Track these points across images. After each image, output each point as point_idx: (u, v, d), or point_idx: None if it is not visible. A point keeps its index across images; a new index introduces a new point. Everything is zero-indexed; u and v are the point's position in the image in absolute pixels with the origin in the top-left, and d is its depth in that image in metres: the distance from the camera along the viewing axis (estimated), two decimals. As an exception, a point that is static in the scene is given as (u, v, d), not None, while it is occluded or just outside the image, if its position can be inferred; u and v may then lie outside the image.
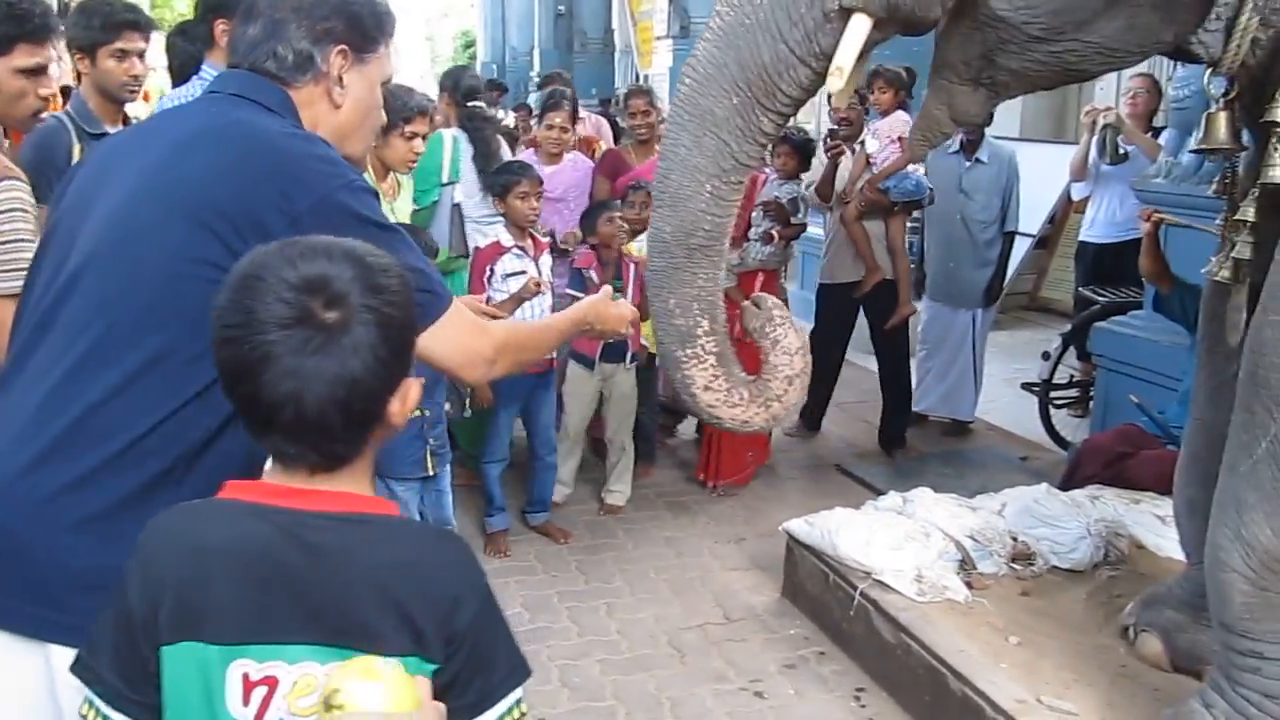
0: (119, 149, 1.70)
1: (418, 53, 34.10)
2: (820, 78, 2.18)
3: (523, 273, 4.16)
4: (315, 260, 1.15)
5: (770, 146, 4.87)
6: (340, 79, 1.70)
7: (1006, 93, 2.34)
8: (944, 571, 3.48)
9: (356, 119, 1.75)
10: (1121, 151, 5.88)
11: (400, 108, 3.60)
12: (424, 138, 3.81)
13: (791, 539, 3.89)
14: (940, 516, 3.74)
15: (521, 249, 4.21)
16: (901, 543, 3.57)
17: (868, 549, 3.55)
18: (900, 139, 5.11)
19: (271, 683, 1.13)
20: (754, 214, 4.90)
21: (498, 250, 4.19)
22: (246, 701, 1.12)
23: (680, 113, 2.28)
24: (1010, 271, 6.07)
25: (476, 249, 4.23)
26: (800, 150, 5.18)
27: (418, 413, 3.55)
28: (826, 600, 3.67)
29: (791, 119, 2.40)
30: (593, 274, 4.42)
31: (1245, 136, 2.48)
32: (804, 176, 5.32)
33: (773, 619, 3.82)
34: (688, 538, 4.54)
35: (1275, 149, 2.23)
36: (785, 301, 3.00)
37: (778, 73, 2.17)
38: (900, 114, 5.33)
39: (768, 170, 5.22)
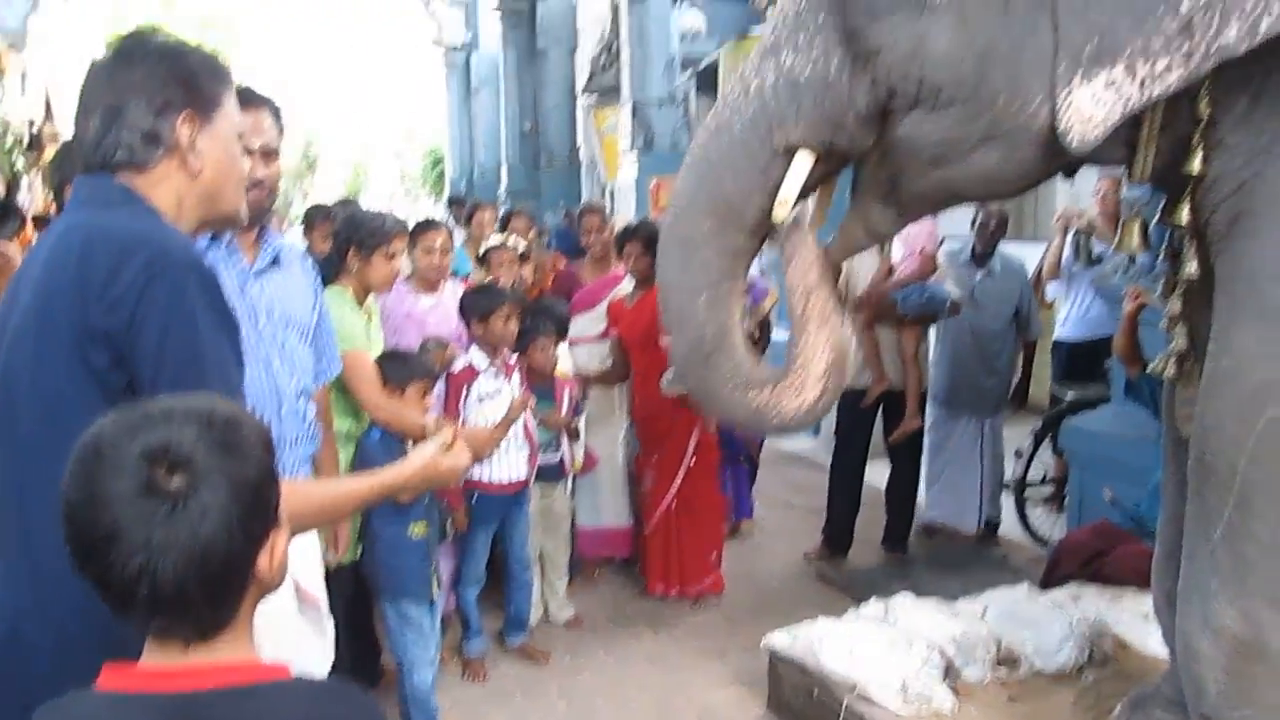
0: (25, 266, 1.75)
1: (387, 171, 34.60)
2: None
3: (498, 392, 4.18)
4: (155, 427, 1.11)
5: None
6: (193, 145, 1.69)
7: (910, 212, 2.58)
8: (929, 681, 3.43)
9: (220, 179, 1.74)
10: (1096, 254, 6.03)
11: (379, 230, 3.68)
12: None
13: (774, 653, 3.83)
14: (923, 623, 3.70)
15: (496, 370, 4.22)
16: (885, 652, 3.52)
17: (851, 660, 3.51)
18: (922, 250, 5.12)
19: None
20: None
21: (472, 374, 4.19)
22: None
23: (666, 243, 2.59)
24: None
25: (450, 373, 4.22)
26: None
27: (423, 531, 3.58)
28: (812, 715, 3.60)
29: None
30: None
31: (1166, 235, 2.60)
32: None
33: (758, 736, 3.75)
34: (669, 654, 4.46)
35: (1188, 247, 2.39)
36: None
37: (740, 201, 2.44)
38: (928, 222, 5.03)
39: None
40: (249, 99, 1.97)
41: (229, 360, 1.61)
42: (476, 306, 4.25)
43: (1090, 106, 2.09)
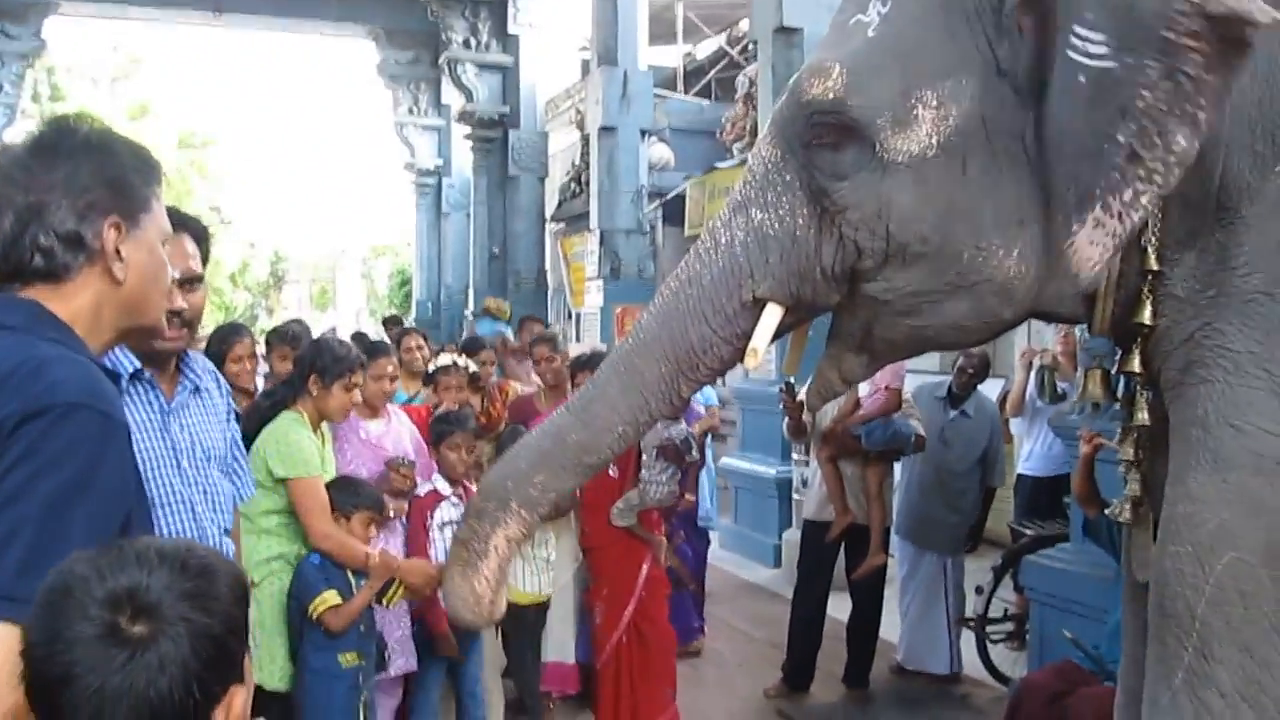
0: None
1: (355, 290, 34.80)
2: (739, 355, 2.52)
3: (458, 522, 4.13)
4: (126, 570, 1.09)
5: None
6: (118, 253, 1.52)
7: (883, 358, 2.66)
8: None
9: (143, 287, 1.57)
10: (1060, 391, 6.13)
11: (343, 360, 3.69)
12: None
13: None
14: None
15: (459, 497, 4.19)
16: (845, 795, 3.44)
17: (810, 803, 3.42)
18: (887, 386, 5.15)
19: None
20: (644, 457, 4.88)
21: (436, 498, 4.16)
22: None
23: (616, 362, 2.63)
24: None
25: (415, 497, 4.17)
26: None
27: (355, 661, 3.49)
28: None
29: None
30: None
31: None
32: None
33: None
34: (624, 793, 4.33)
35: (1139, 394, 2.47)
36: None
37: (703, 350, 2.50)
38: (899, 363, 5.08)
39: None
40: (172, 222, 1.74)
41: (98, 515, 1.34)
42: (435, 432, 4.25)
43: (1087, 248, 2.18)
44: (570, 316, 14.03)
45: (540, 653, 4.99)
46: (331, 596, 3.45)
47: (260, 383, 4.97)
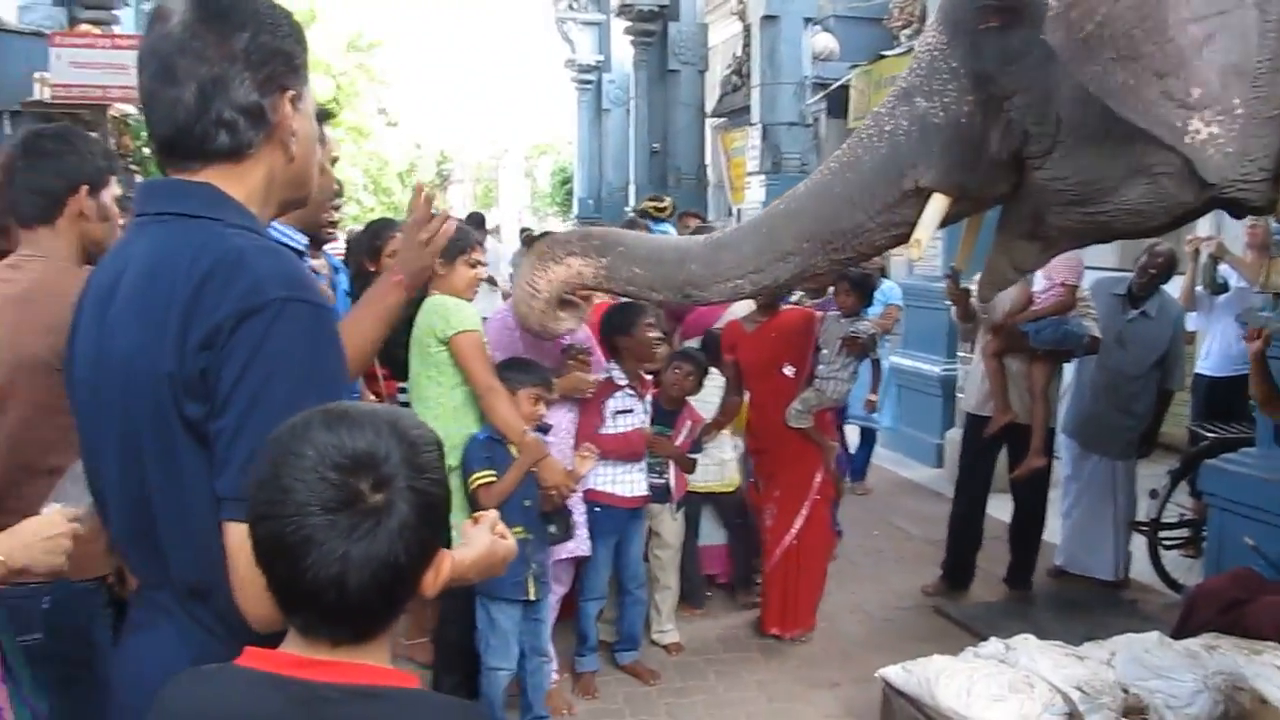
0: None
1: (518, 189, 35.28)
2: (893, 243, 2.56)
3: (631, 411, 4.24)
4: (362, 434, 1.11)
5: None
6: (291, 126, 1.49)
7: (1056, 247, 2.61)
8: (1050, 726, 3.31)
9: (306, 160, 1.54)
10: (1220, 281, 5.77)
11: (458, 239, 3.79)
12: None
13: (888, 686, 3.74)
14: (1045, 666, 3.57)
15: (633, 389, 4.27)
16: (1004, 693, 3.41)
17: (968, 699, 3.40)
18: (1063, 283, 4.92)
19: None
20: (823, 353, 4.83)
21: (611, 387, 4.25)
22: None
23: (760, 223, 2.72)
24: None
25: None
26: (860, 287, 5.02)
27: (521, 534, 3.58)
28: (925, 754, 3.51)
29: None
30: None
31: None
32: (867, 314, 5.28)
33: (869, 772, 3.67)
34: (780, 681, 4.41)
35: None
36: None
37: (854, 235, 2.53)
38: (1073, 255, 4.78)
39: (830, 311, 5.17)
40: None
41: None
42: (618, 321, 4.31)
43: (1218, 143, 2.08)
44: (731, 213, 13.91)
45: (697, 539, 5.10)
46: (485, 475, 3.62)
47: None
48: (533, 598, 3.73)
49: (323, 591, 1.09)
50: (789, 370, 4.73)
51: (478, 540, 1.49)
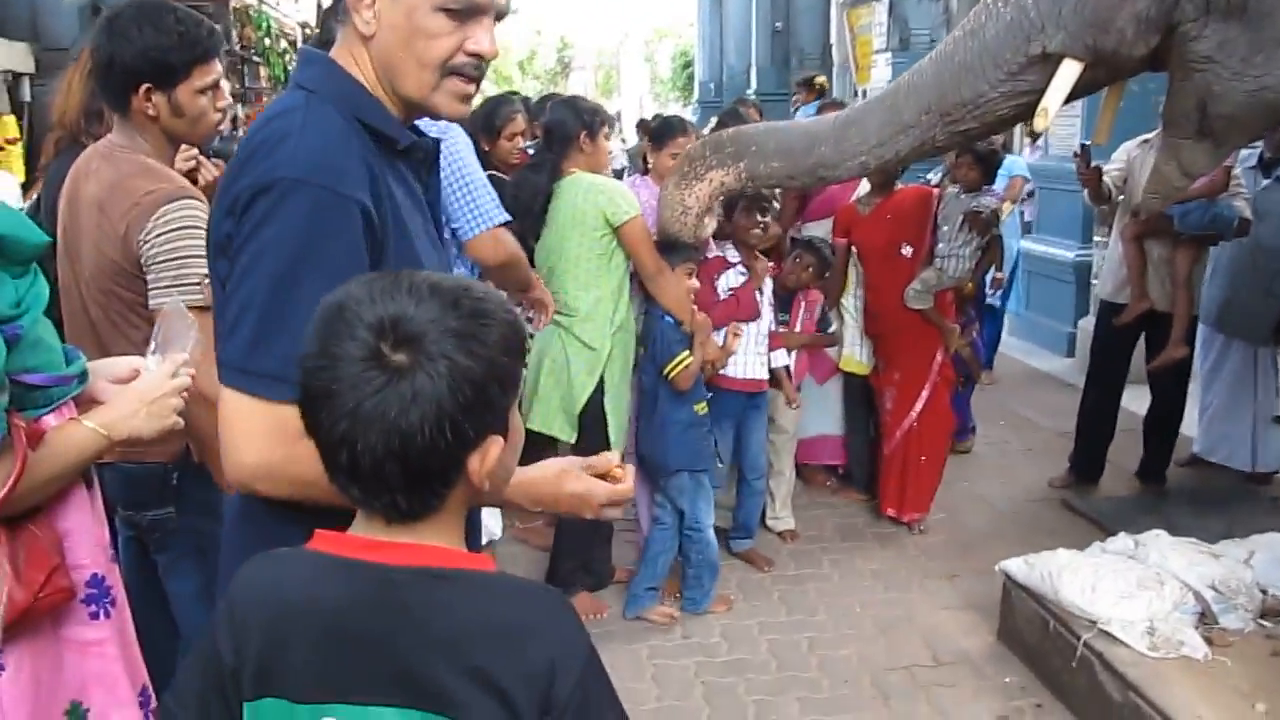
0: None
1: (638, 74, 34.80)
2: (1018, 114, 2.45)
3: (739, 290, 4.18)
4: (397, 296, 1.07)
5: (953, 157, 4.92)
6: (362, 4, 1.44)
7: (1226, 142, 2.43)
8: (1180, 625, 3.18)
9: (393, 46, 1.45)
10: None
11: (598, 111, 3.96)
12: None
13: (1009, 579, 3.65)
14: (1177, 563, 3.42)
15: (746, 268, 4.19)
16: (1132, 590, 3.28)
17: (1093, 595, 3.29)
18: (1227, 168, 4.49)
19: None
20: (942, 230, 4.65)
21: (722, 264, 4.19)
22: None
23: (884, 97, 2.70)
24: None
25: (702, 261, 4.21)
26: (982, 161, 4.76)
27: (705, 409, 3.89)
28: (1046, 649, 3.42)
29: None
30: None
31: None
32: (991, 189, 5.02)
33: (986, 664, 3.60)
34: (897, 571, 4.35)
35: None
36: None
37: (974, 104, 2.44)
38: None
39: (950, 188, 4.93)
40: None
41: (329, 290, 1.20)
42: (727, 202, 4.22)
43: None
44: (856, 94, 13.43)
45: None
46: (685, 358, 3.75)
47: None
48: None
49: (337, 449, 1.06)
50: (907, 251, 4.57)
51: (579, 483, 1.50)
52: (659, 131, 4.36)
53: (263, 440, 1.32)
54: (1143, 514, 4.55)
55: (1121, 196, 4.84)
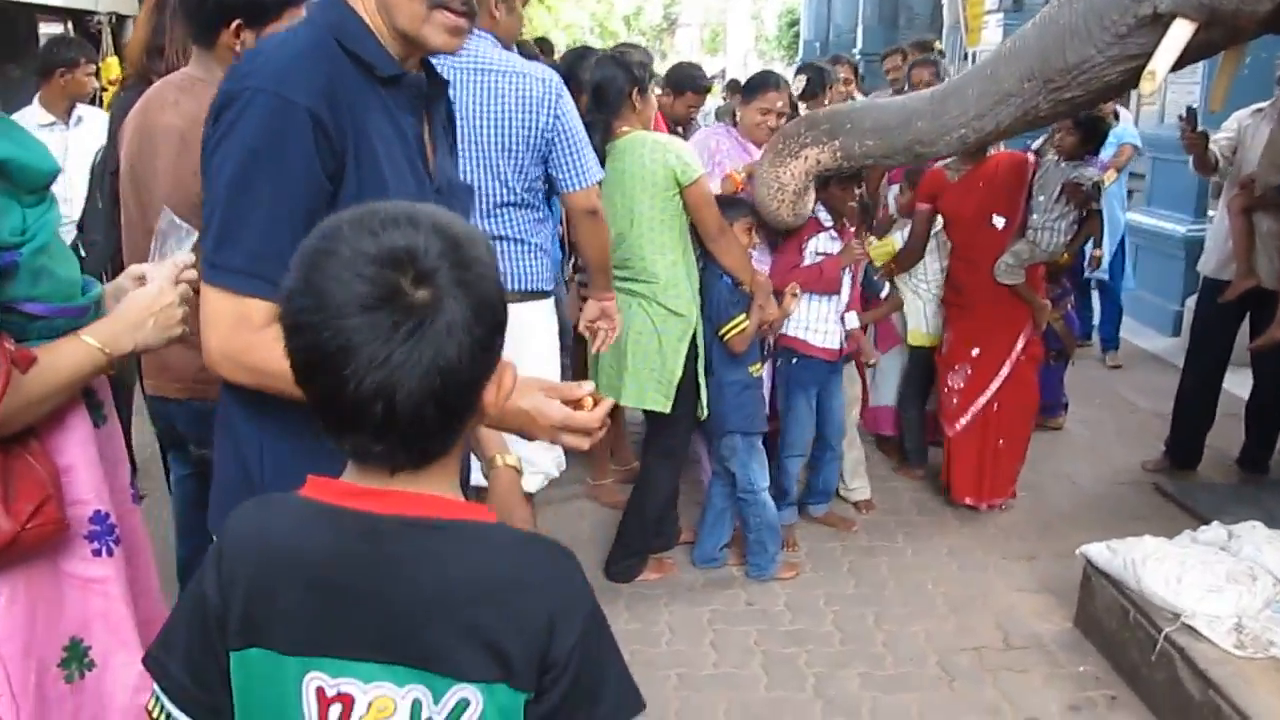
0: None
1: (744, 32, 34.33)
2: (1126, 79, 2.34)
3: (830, 255, 4.06)
4: (398, 229, 0.98)
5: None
6: None
7: None
8: (1271, 623, 2.99)
9: None
10: None
11: (646, 65, 3.89)
12: None
13: (1089, 564, 3.49)
14: (1273, 557, 3.22)
15: (836, 232, 4.08)
16: (1221, 584, 3.10)
17: (1179, 587, 3.12)
18: None
19: (346, 700, 1.02)
20: (1037, 200, 4.36)
21: (816, 227, 4.06)
22: (323, 718, 1.03)
23: (983, 66, 2.64)
24: None
25: None
26: (1084, 127, 4.40)
27: (760, 370, 3.86)
28: (1124, 639, 3.27)
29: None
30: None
31: None
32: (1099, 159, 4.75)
33: (1060, 651, 3.45)
34: (973, 549, 4.20)
35: None
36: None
37: (1079, 69, 2.34)
38: None
39: (1049, 156, 4.67)
40: None
41: (284, 190, 1.44)
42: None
43: None
44: (965, 57, 13.00)
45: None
46: (740, 321, 3.68)
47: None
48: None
49: (368, 404, 0.96)
50: (998, 221, 4.33)
51: (544, 404, 1.48)
52: (750, 85, 4.24)
53: (226, 328, 1.44)
54: (1240, 504, 4.31)
55: (1230, 167, 4.55)
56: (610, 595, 3.75)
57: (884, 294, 4.61)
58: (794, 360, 4.11)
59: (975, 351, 4.46)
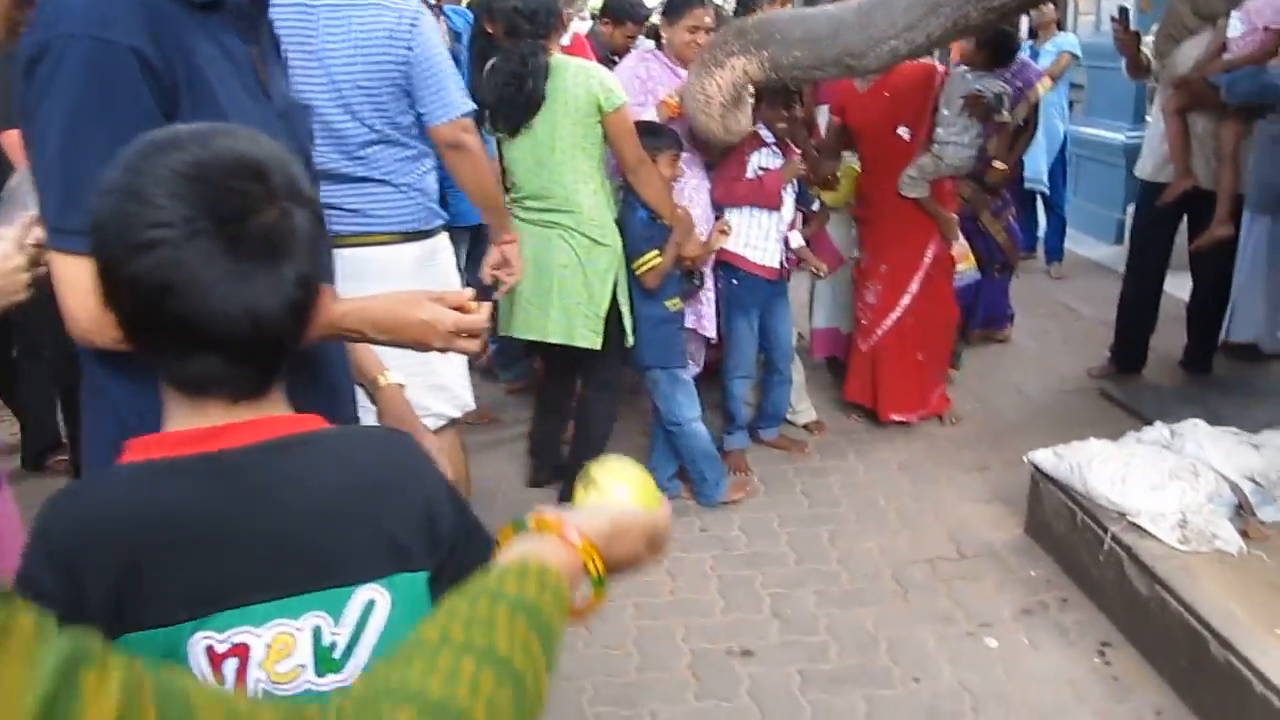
0: None
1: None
2: None
3: (771, 171, 4.01)
4: (227, 139, 0.95)
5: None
6: None
7: None
8: (1214, 517, 3.04)
9: None
10: None
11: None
12: None
13: (1037, 471, 3.52)
14: (1214, 453, 3.27)
15: (779, 149, 4.03)
16: (1164, 481, 3.14)
17: (1124, 487, 3.16)
18: (1267, 28, 4.23)
19: (241, 652, 0.97)
20: (942, 113, 4.30)
21: (758, 142, 3.99)
22: (217, 677, 0.97)
23: None
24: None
25: None
26: (991, 41, 4.38)
27: (679, 305, 3.80)
28: (1073, 541, 3.31)
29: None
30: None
31: None
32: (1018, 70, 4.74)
33: (1011, 558, 3.49)
34: (924, 463, 4.23)
35: None
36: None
37: None
38: None
39: (959, 67, 4.63)
40: None
41: (121, 138, 1.08)
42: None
43: None
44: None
45: None
46: (653, 258, 3.59)
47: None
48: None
49: (232, 322, 0.92)
50: (904, 132, 4.26)
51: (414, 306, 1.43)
52: (674, 3, 4.11)
53: (85, 294, 1.28)
54: (1184, 404, 4.37)
55: (1162, 69, 4.54)
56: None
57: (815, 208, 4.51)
58: (734, 281, 4.08)
59: (884, 268, 4.43)
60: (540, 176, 3.48)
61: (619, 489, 1.05)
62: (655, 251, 3.60)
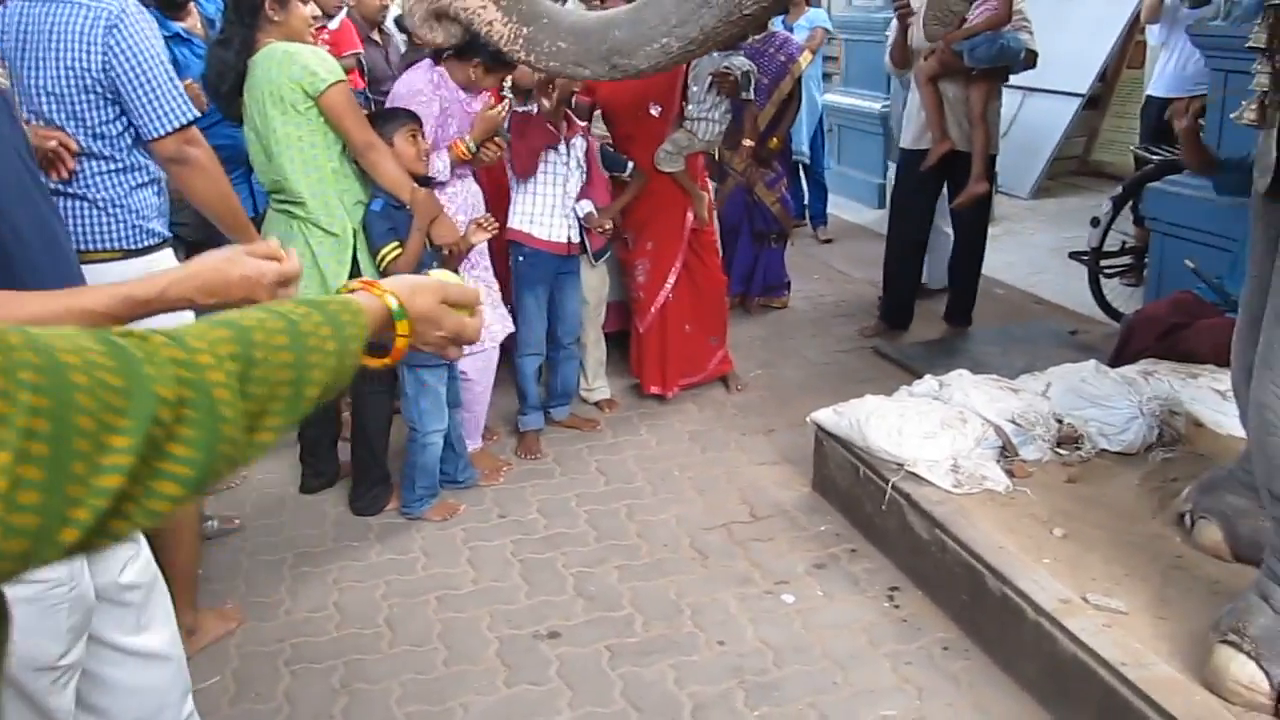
0: None
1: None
2: None
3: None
4: None
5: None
6: None
7: None
8: (982, 460, 3.24)
9: None
10: None
11: None
12: None
13: (820, 430, 3.65)
14: (979, 400, 3.48)
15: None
16: (936, 430, 3.32)
17: (899, 438, 3.32)
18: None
19: None
20: (692, 90, 4.40)
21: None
22: None
23: None
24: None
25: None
26: None
27: None
28: (858, 494, 3.45)
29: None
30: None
31: None
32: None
33: (802, 515, 3.62)
34: (713, 431, 4.33)
35: None
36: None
37: None
38: None
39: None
40: None
41: None
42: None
43: None
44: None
45: None
46: (393, 249, 3.39)
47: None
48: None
49: None
50: (655, 110, 4.31)
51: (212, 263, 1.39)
52: None
53: None
54: (950, 355, 4.65)
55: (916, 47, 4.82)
56: (360, 530, 3.63)
57: (628, 174, 4.37)
58: (521, 257, 4.03)
59: (650, 245, 4.46)
60: (270, 168, 3.35)
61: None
62: (395, 244, 3.38)
